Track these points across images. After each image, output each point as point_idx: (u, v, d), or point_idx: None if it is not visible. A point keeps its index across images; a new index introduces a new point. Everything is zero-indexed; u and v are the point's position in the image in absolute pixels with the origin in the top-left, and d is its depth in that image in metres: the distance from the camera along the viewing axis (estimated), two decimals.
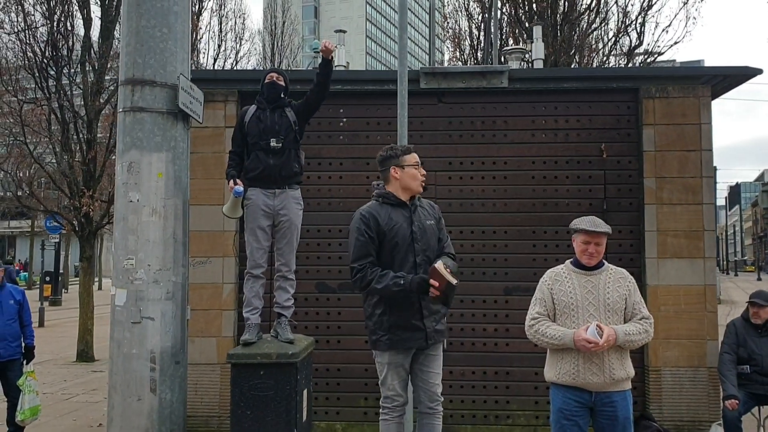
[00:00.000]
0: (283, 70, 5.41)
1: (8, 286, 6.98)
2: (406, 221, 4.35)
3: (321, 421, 6.99)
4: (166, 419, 4.66)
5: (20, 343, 6.89)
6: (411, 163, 4.40)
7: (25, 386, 6.64)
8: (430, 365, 4.36)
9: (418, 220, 4.38)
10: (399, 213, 4.37)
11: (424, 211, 4.47)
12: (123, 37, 5.09)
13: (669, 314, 6.86)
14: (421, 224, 4.38)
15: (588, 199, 7.16)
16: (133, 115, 4.92)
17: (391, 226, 4.32)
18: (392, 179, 4.43)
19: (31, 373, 6.77)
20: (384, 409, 4.32)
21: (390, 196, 4.40)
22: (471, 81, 7.31)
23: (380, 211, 4.36)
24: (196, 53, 17.96)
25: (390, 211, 4.36)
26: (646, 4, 16.02)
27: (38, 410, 6.80)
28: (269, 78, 5.20)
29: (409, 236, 4.32)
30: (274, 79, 5.19)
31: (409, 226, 4.34)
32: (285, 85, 5.25)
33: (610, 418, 4.11)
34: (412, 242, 4.31)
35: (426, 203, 4.57)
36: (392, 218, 4.34)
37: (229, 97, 7.20)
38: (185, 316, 4.97)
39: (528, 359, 6.83)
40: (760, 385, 6.03)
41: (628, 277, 4.28)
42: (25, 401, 6.63)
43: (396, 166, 4.41)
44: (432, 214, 4.50)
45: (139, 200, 4.80)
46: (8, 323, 6.76)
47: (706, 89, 7.15)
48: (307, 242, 7.07)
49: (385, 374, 4.30)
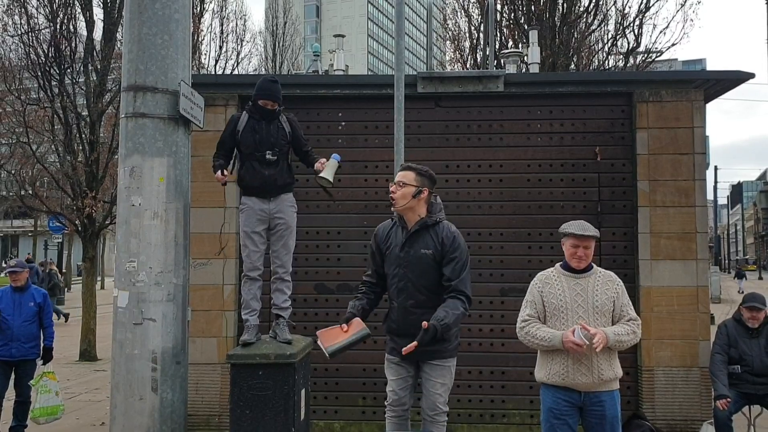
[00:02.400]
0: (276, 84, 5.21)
1: (32, 288, 7.08)
2: (399, 245, 4.40)
3: (319, 420, 7.11)
4: (168, 418, 4.77)
5: (36, 344, 7.01)
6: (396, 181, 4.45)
7: (39, 386, 6.75)
8: (431, 374, 4.38)
9: (411, 246, 4.34)
10: (398, 235, 4.44)
11: (426, 238, 4.33)
12: (125, 45, 5.20)
13: (662, 315, 6.97)
14: (413, 251, 4.32)
15: (582, 201, 7.27)
16: (135, 120, 5.03)
17: (387, 246, 4.46)
18: None
19: (48, 374, 6.88)
20: (387, 406, 4.50)
21: (399, 217, 4.47)
22: (467, 85, 7.42)
23: (387, 230, 4.51)
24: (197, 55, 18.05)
25: (393, 231, 4.47)
26: (643, 6, 16.13)
27: (58, 410, 6.90)
28: (264, 104, 5.08)
29: (395, 260, 4.40)
30: (269, 108, 5.10)
31: (400, 251, 4.38)
32: (278, 109, 5.18)
33: (599, 417, 4.23)
34: (398, 267, 4.38)
35: (440, 231, 4.34)
36: (390, 239, 4.45)
37: (229, 101, 7.31)
38: (186, 317, 5.09)
39: (523, 359, 6.94)
40: (750, 385, 6.14)
41: (616, 280, 4.39)
42: (37, 401, 6.76)
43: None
44: (435, 244, 4.31)
45: (141, 204, 4.91)
46: (24, 324, 6.87)
47: (699, 93, 7.25)
48: (305, 244, 7.20)
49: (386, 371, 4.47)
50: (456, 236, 4.36)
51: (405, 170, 4.46)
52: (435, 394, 4.37)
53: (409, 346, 4.08)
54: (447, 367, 4.43)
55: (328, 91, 7.49)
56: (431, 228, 4.36)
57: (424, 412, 4.42)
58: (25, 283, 6.99)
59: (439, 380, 4.39)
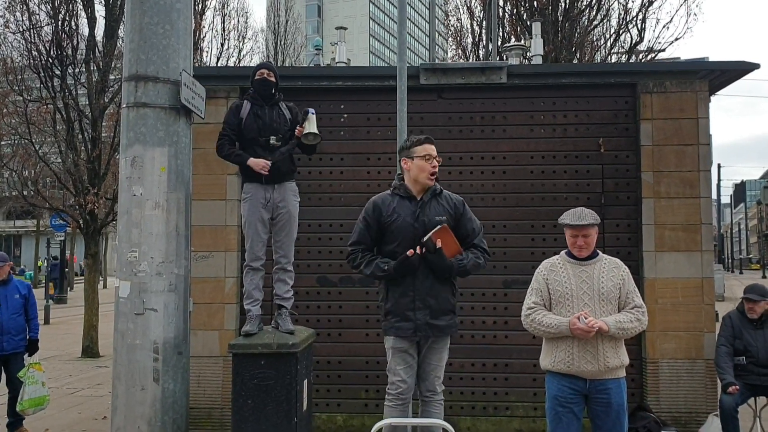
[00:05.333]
0: (272, 64, 5.41)
1: (14, 281, 7.10)
2: (411, 215, 4.39)
3: (322, 413, 7.08)
4: (169, 408, 4.75)
5: (24, 336, 7.02)
6: (420, 155, 4.41)
7: (26, 378, 6.75)
8: (431, 357, 4.45)
9: (425, 215, 4.39)
10: (405, 206, 4.42)
11: (438, 206, 4.45)
12: (126, 34, 5.18)
13: (666, 307, 6.93)
14: (428, 219, 4.38)
15: (586, 193, 7.23)
16: (137, 110, 5.01)
17: (393, 219, 4.40)
18: (405, 170, 4.51)
19: (35, 365, 6.88)
20: (388, 395, 4.43)
21: (401, 188, 4.48)
22: (470, 77, 7.38)
23: (388, 202, 4.46)
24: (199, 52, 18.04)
25: (398, 203, 4.43)
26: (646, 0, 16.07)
27: (44, 401, 6.90)
28: (260, 75, 5.20)
29: (411, 230, 4.37)
30: (265, 76, 5.19)
31: (413, 221, 4.38)
32: (275, 81, 5.25)
33: (605, 405, 4.19)
34: (414, 237, 4.36)
35: (446, 197, 4.52)
36: (396, 211, 4.41)
37: (231, 93, 7.28)
38: (187, 307, 5.06)
39: (527, 351, 6.91)
40: (756, 376, 6.10)
41: (622, 267, 4.35)
42: (25, 392, 6.75)
43: (406, 158, 4.49)
44: (448, 209, 4.46)
45: (142, 194, 4.89)
46: (12, 317, 6.88)
47: (704, 84, 7.21)
48: (308, 237, 7.17)
49: (390, 359, 4.44)
50: (463, 200, 4.63)
51: (432, 143, 4.53)
52: (436, 376, 4.47)
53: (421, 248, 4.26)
54: (447, 348, 4.55)
55: (330, 83, 7.46)
56: (437, 196, 4.49)
57: (424, 394, 4.48)
58: (7, 276, 6.99)
59: (441, 362, 4.50)
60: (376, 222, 4.46)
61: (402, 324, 4.34)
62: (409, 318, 4.34)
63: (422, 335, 4.37)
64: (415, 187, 4.46)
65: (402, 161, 4.52)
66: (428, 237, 4.29)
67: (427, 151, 4.43)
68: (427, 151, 4.43)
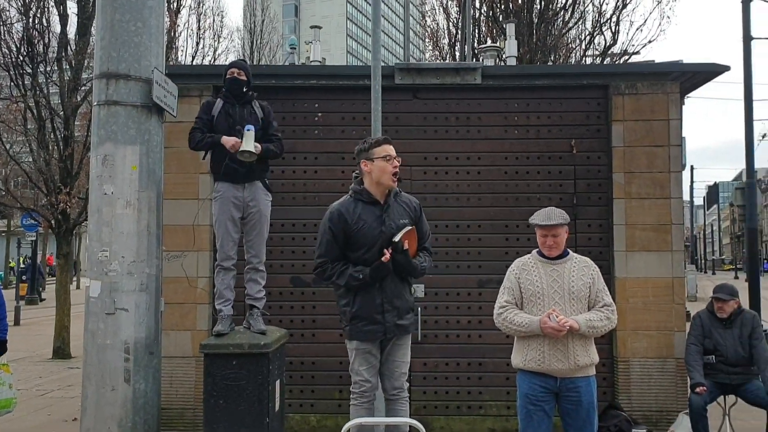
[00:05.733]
0: (244, 63, 5.38)
1: None
2: (377, 221, 4.35)
3: (295, 414, 7.06)
4: (140, 409, 4.70)
5: None
6: (380, 156, 4.34)
7: None
8: (395, 354, 4.47)
9: (390, 219, 4.36)
10: (370, 212, 4.36)
11: (399, 209, 4.43)
12: (97, 31, 5.13)
13: (637, 306, 7.01)
14: (394, 224, 4.36)
15: (558, 193, 7.29)
16: (108, 108, 4.96)
17: (359, 226, 4.34)
18: (365, 173, 4.45)
19: (2, 366, 6.76)
20: (353, 394, 4.42)
21: (363, 193, 4.39)
22: (445, 77, 7.40)
23: (351, 209, 4.36)
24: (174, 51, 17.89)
25: (362, 209, 4.35)
26: (620, 2, 16.24)
27: (11, 403, 6.78)
28: (230, 74, 5.18)
29: (378, 236, 4.34)
30: (236, 75, 5.17)
31: (379, 226, 4.34)
32: (247, 79, 5.23)
33: (575, 403, 4.23)
34: (381, 242, 4.32)
35: (405, 200, 4.51)
36: (362, 217, 4.34)
37: (204, 91, 7.22)
38: (159, 307, 5.02)
39: (500, 350, 6.93)
40: (725, 375, 6.19)
41: (592, 266, 4.40)
42: None
43: (366, 160, 4.41)
44: (409, 212, 4.45)
45: (113, 192, 4.85)
46: None
47: (675, 86, 7.30)
48: (281, 236, 7.14)
49: (353, 360, 4.41)
50: (419, 201, 4.65)
51: (390, 143, 4.47)
52: (401, 373, 4.48)
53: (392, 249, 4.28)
54: (409, 345, 4.57)
55: (304, 81, 7.44)
56: (397, 198, 4.49)
57: (389, 392, 4.48)
58: None
59: (406, 359, 4.52)
60: (342, 231, 4.35)
61: (371, 327, 4.34)
62: (378, 321, 4.34)
63: (391, 336, 4.39)
64: (377, 190, 4.39)
65: (362, 163, 4.42)
66: (399, 238, 4.30)
67: (386, 152, 4.37)
68: (387, 151, 4.37)
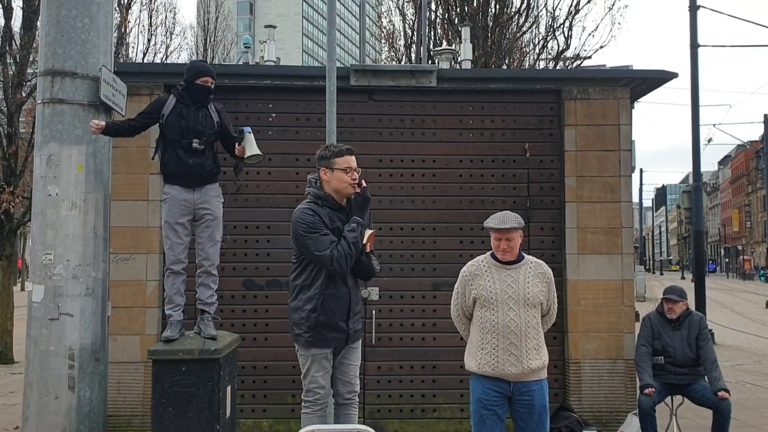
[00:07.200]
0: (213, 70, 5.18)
1: None
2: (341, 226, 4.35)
3: (248, 419, 6.95)
4: (85, 417, 4.58)
5: None
6: (341, 167, 4.33)
7: None
8: (351, 357, 4.45)
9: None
10: (338, 217, 4.36)
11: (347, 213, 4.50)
12: (42, 27, 4.98)
13: (588, 308, 7.10)
14: None
15: (512, 196, 7.34)
16: (53, 106, 4.83)
17: (332, 229, 4.31)
18: (323, 181, 4.42)
19: None
20: (306, 402, 4.33)
21: (329, 199, 4.37)
22: (400, 79, 7.39)
23: (321, 213, 4.33)
24: (125, 47, 17.52)
25: (330, 214, 4.34)
26: (573, 8, 16.50)
27: None
28: (203, 82, 4.92)
29: None
30: (209, 84, 4.95)
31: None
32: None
33: (528, 407, 4.26)
34: None
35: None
36: (333, 221, 4.33)
37: (154, 90, 7.05)
38: (106, 312, 4.90)
39: (455, 353, 6.94)
40: (673, 375, 6.30)
41: (547, 271, 4.44)
42: None
43: (326, 168, 4.39)
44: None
45: (58, 194, 4.72)
46: None
47: (626, 91, 7.42)
48: (234, 239, 7.02)
49: (308, 367, 4.32)
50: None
51: (353, 155, 4.43)
52: (353, 376, 4.47)
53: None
54: (360, 349, 4.58)
55: (257, 81, 7.34)
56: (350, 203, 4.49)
57: (341, 397, 4.44)
58: None
59: (356, 362, 4.51)
60: (325, 226, 4.31)
61: (335, 335, 4.30)
62: (342, 329, 4.31)
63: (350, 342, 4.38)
64: (338, 197, 4.40)
65: (321, 171, 4.40)
66: (366, 240, 4.31)
67: (348, 163, 4.35)
68: (348, 163, 4.35)
